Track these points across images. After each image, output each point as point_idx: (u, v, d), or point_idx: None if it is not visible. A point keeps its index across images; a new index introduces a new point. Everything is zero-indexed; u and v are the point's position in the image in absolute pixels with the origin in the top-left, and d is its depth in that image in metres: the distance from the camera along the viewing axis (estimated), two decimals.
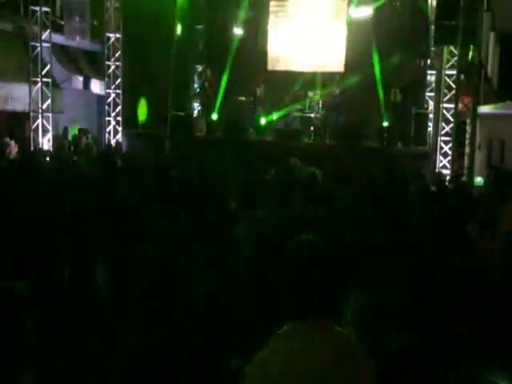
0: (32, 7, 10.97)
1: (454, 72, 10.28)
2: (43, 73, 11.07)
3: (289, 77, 14.25)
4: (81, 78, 12.73)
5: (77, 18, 11.41)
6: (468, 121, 10.83)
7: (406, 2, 12.97)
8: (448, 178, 9.19)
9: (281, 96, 13.72)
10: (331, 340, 1.74)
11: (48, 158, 9.40)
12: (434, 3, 10.68)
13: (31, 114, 11.13)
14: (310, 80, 13.84)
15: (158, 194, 5.20)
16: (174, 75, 10.35)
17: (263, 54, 14.81)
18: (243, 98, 14.02)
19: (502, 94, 11.40)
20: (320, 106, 13.22)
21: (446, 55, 10.48)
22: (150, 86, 12.51)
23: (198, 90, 14.80)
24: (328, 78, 13.63)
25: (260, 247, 3.66)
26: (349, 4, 14.12)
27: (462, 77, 11.09)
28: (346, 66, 13.94)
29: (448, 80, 10.41)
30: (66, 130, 12.47)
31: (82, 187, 5.26)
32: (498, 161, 10.46)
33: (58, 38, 11.91)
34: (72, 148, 11.46)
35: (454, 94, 10.20)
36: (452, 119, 10.24)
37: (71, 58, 12.68)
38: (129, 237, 3.78)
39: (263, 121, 13.04)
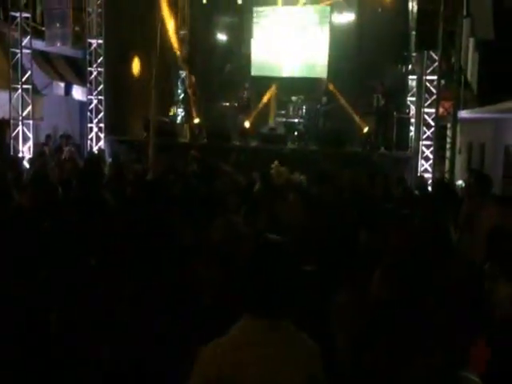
0: (12, 13, 10.86)
1: (435, 77, 10.41)
2: (23, 79, 10.94)
3: (273, 82, 14.31)
4: (62, 85, 12.61)
5: (58, 24, 11.32)
6: (449, 125, 10.98)
7: (388, 8, 13.13)
8: (430, 181, 9.27)
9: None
10: (283, 340, 1.78)
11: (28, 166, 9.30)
12: (415, 9, 10.81)
13: (11, 121, 10.98)
14: (293, 85, 13.92)
15: None
16: (156, 81, 10.29)
17: (247, 60, 14.87)
18: (227, 104, 14.04)
19: (481, 98, 11.58)
20: (304, 111, 13.29)
21: (426, 61, 10.61)
22: (132, 93, 12.45)
23: (182, 96, 14.77)
24: (312, 84, 13.71)
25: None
26: (332, 10, 14.28)
27: (443, 82, 11.25)
28: (330, 71, 14.07)
29: (428, 85, 10.54)
30: (48, 137, 12.34)
31: None
32: (479, 164, 10.60)
33: (39, 45, 11.80)
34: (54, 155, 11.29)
35: (434, 99, 10.33)
36: (433, 124, 10.37)
37: (52, 64, 12.56)
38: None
39: (247, 126, 13.06)
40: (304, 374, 1.78)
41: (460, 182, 9.14)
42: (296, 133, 12.95)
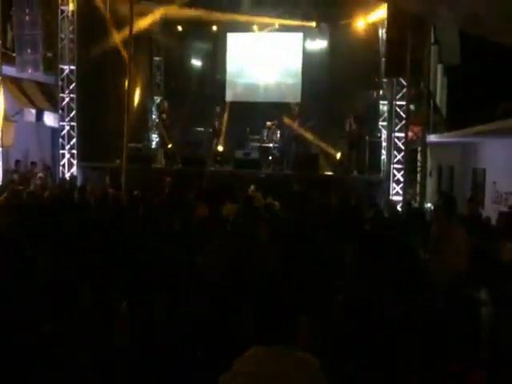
0: None
1: (404, 102, 10.65)
2: None
3: (247, 107, 14.44)
4: (33, 111, 12.45)
5: (29, 50, 11.25)
6: (419, 149, 11.20)
7: (360, 36, 13.45)
8: (400, 204, 9.38)
9: (239, 126, 13.85)
10: (291, 365, 1.87)
11: None
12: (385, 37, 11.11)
13: None
14: (267, 110, 14.06)
15: None
16: (129, 107, 10.25)
17: (221, 85, 15.00)
18: (202, 129, 14.07)
19: (450, 122, 11.88)
20: (278, 136, 13.39)
21: (396, 86, 10.87)
22: (105, 118, 12.37)
23: (157, 121, 14.75)
24: (286, 109, 13.87)
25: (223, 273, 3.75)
26: (304, 37, 14.59)
27: (413, 107, 11.52)
28: (304, 96, 14.29)
29: (398, 110, 10.77)
30: (17, 163, 12.13)
31: None
32: (448, 186, 10.80)
33: (10, 71, 11.68)
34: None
35: (404, 124, 10.54)
36: (403, 147, 10.56)
37: (24, 90, 12.41)
38: None
39: (221, 151, 13.09)
40: None
41: (429, 205, 9.27)
42: (270, 157, 13.02)
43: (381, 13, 11.58)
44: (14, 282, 3.31)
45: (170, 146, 13.42)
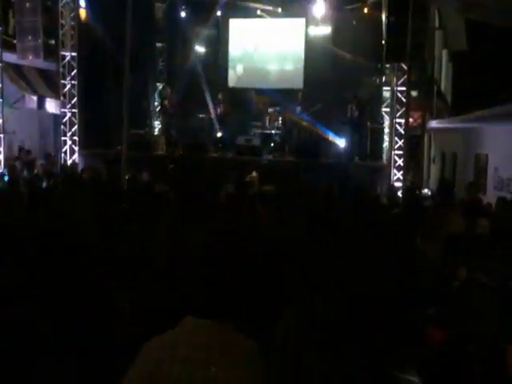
0: None
1: (405, 88, 10.54)
2: None
3: (250, 94, 14.39)
4: (35, 98, 12.48)
5: (29, 37, 11.23)
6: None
7: (363, 21, 13.29)
8: (400, 190, 9.33)
9: (241, 113, 13.81)
10: (221, 343, 1.74)
11: None
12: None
13: None
14: (270, 97, 13.99)
15: None
16: (130, 93, 10.24)
17: (224, 72, 14.93)
18: (203, 116, 14.04)
19: (455, 109, 11.74)
20: (280, 122, 13.34)
21: (397, 72, 10.75)
22: (106, 105, 12.38)
23: (158, 108, 14.73)
24: (289, 95, 13.79)
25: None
26: (307, 22, 14.44)
27: (415, 93, 11.39)
28: (306, 83, 14.19)
29: (400, 96, 10.66)
30: (20, 150, 12.17)
31: None
32: (451, 173, 10.71)
33: (11, 58, 11.68)
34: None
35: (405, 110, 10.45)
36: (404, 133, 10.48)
37: (25, 77, 12.43)
38: None
39: (223, 138, 13.06)
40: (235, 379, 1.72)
41: (426, 191, 9.21)
42: (272, 144, 12.98)
43: None
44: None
45: (173, 132, 13.40)
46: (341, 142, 12.28)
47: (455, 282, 3.57)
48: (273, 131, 13.28)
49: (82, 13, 12.67)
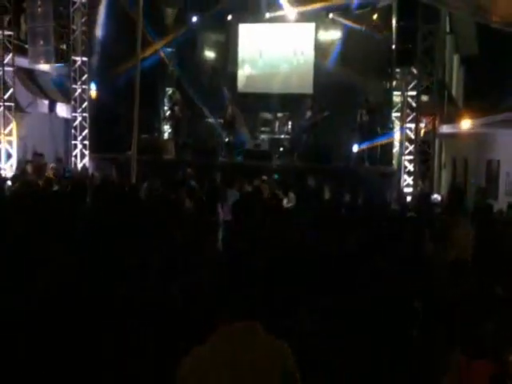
0: None
1: (415, 93, 10.47)
2: (6, 96, 10.91)
3: (259, 98, 14.37)
4: (46, 102, 12.58)
5: (41, 42, 11.34)
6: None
7: (373, 25, 13.24)
8: (409, 196, 9.25)
9: (251, 117, 13.80)
10: (257, 344, 1.87)
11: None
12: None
13: None
14: (279, 102, 13.97)
15: None
16: (140, 98, 10.29)
17: (233, 77, 14.94)
18: (213, 120, 14.05)
19: (466, 114, 11.63)
20: (289, 127, 13.30)
21: (407, 76, 10.68)
22: (116, 109, 12.43)
23: (168, 112, 14.78)
24: (298, 100, 13.75)
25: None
26: (317, 27, 14.42)
27: (426, 98, 11.29)
28: (315, 87, 14.15)
29: (410, 101, 10.59)
30: (35, 154, 12.22)
31: None
32: (463, 179, 10.60)
33: (23, 62, 11.80)
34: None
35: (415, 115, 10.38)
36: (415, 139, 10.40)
37: (36, 81, 12.54)
38: None
39: (232, 142, 13.06)
40: (277, 375, 1.85)
41: (436, 196, 9.12)
42: (281, 149, 12.95)
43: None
44: None
45: (183, 137, 13.43)
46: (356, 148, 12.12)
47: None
48: (282, 136, 13.25)
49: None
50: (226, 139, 13.04)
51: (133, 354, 2.81)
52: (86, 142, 12.58)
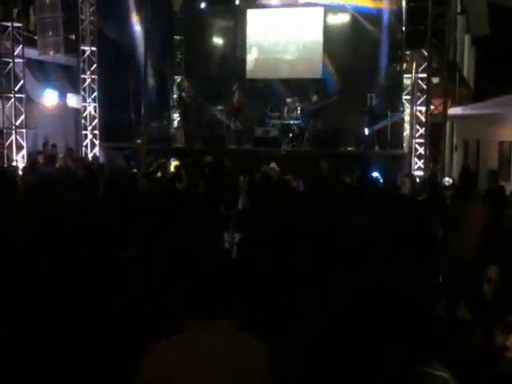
0: (4, 23, 10.91)
1: (426, 75, 10.32)
2: (16, 88, 11.00)
3: (268, 84, 14.29)
4: (56, 93, 12.64)
5: (50, 32, 11.37)
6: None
7: (383, 8, 13.04)
8: (419, 179, 9.16)
9: (259, 104, 13.73)
10: (225, 342, 1.79)
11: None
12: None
13: (4, 130, 11.03)
14: (288, 87, 13.88)
15: None
16: (149, 86, 10.35)
17: (241, 63, 14.86)
18: (221, 107, 14.01)
19: (478, 95, 11.48)
20: (298, 112, 13.23)
21: (418, 59, 10.53)
22: (126, 98, 12.47)
23: (177, 100, 14.78)
24: (306, 85, 13.65)
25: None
26: (326, 11, 14.25)
27: (436, 80, 11.14)
28: (323, 71, 14.03)
29: (421, 83, 10.45)
30: (45, 144, 12.34)
31: None
32: (474, 161, 10.49)
33: (33, 53, 11.86)
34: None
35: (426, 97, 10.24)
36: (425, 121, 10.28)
37: (46, 72, 12.60)
38: None
39: (241, 129, 13.03)
40: (228, 376, 1.75)
41: (447, 179, 9.04)
42: (291, 134, 12.91)
43: None
44: None
45: (192, 124, 13.43)
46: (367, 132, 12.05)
47: (486, 284, 3.45)
48: (291, 121, 13.19)
49: None
50: (235, 126, 13.02)
51: (133, 353, 2.83)
52: (96, 132, 12.65)
